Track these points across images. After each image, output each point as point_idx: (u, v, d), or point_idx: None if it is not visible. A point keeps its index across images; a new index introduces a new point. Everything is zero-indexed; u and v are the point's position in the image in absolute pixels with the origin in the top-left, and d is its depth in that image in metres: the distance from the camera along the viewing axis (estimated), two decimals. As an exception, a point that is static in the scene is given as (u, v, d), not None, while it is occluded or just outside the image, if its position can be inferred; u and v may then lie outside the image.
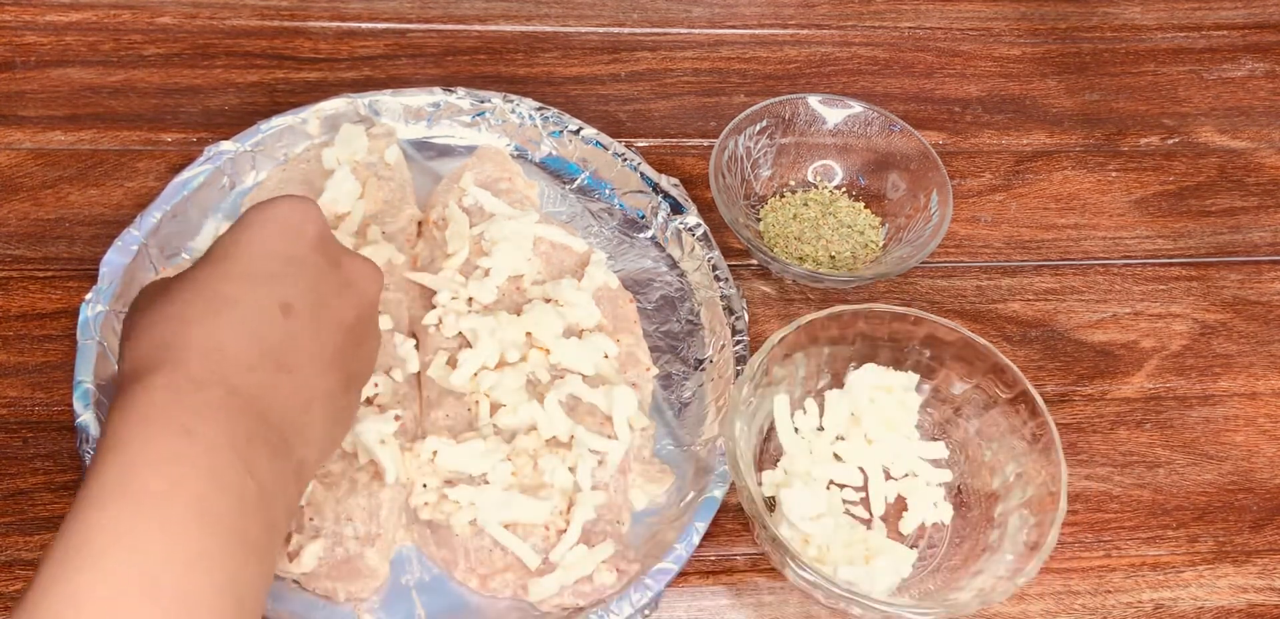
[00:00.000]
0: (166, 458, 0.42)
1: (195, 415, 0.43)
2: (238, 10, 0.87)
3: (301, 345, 0.47)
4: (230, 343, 0.45)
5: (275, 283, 0.47)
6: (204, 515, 0.41)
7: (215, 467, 0.42)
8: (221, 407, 0.44)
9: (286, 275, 0.48)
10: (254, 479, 0.43)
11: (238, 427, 0.44)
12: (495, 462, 0.62)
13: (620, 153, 0.77)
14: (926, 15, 0.95)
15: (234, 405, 0.44)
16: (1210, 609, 0.65)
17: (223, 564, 0.41)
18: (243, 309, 0.46)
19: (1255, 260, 0.81)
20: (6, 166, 0.75)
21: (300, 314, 0.47)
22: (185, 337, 0.45)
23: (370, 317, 0.52)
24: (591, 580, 0.60)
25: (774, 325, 0.73)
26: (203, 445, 0.42)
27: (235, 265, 0.48)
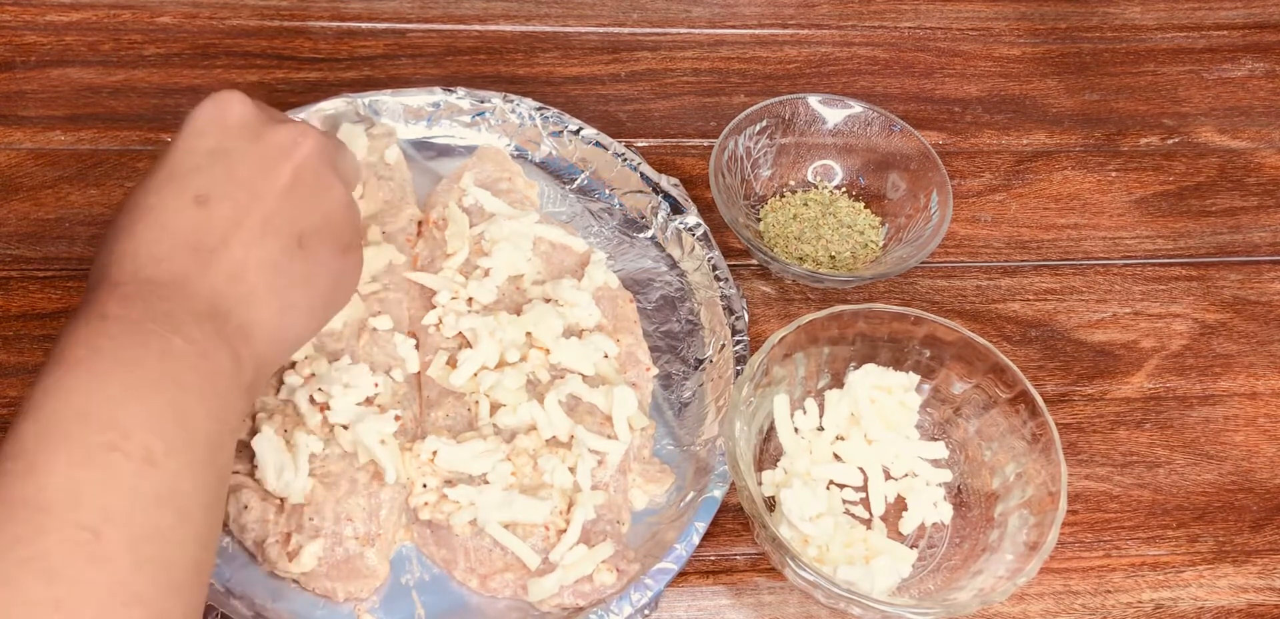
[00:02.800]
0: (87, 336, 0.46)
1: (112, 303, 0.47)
2: (238, 10, 0.87)
3: (218, 227, 0.49)
4: (143, 244, 0.49)
5: (192, 177, 0.50)
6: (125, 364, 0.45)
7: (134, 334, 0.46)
8: (135, 293, 0.47)
9: (206, 168, 0.51)
10: (180, 338, 0.46)
11: (154, 304, 0.47)
12: (495, 462, 0.62)
13: (620, 153, 0.77)
14: (926, 15, 0.95)
15: (149, 290, 0.47)
16: (1210, 609, 0.65)
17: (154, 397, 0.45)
18: (156, 212, 0.50)
19: (1255, 260, 0.81)
20: (6, 166, 0.75)
21: (215, 199, 0.50)
22: (110, 253, 0.49)
23: (310, 172, 0.53)
24: (591, 580, 0.60)
25: (774, 325, 0.73)
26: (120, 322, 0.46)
27: (157, 175, 0.51)
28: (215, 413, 0.47)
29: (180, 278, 0.48)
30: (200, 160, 0.51)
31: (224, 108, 0.52)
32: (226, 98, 0.53)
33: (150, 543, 0.42)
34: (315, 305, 0.54)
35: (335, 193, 0.54)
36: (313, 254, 0.53)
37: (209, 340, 0.47)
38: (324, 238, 0.53)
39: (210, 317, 0.48)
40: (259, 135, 0.52)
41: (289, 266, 0.51)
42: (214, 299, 0.48)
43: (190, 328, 0.47)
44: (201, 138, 0.52)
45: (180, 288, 0.48)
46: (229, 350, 0.48)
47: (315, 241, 0.53)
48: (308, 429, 0.62)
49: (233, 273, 0.49)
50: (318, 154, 0.53)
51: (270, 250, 0.51)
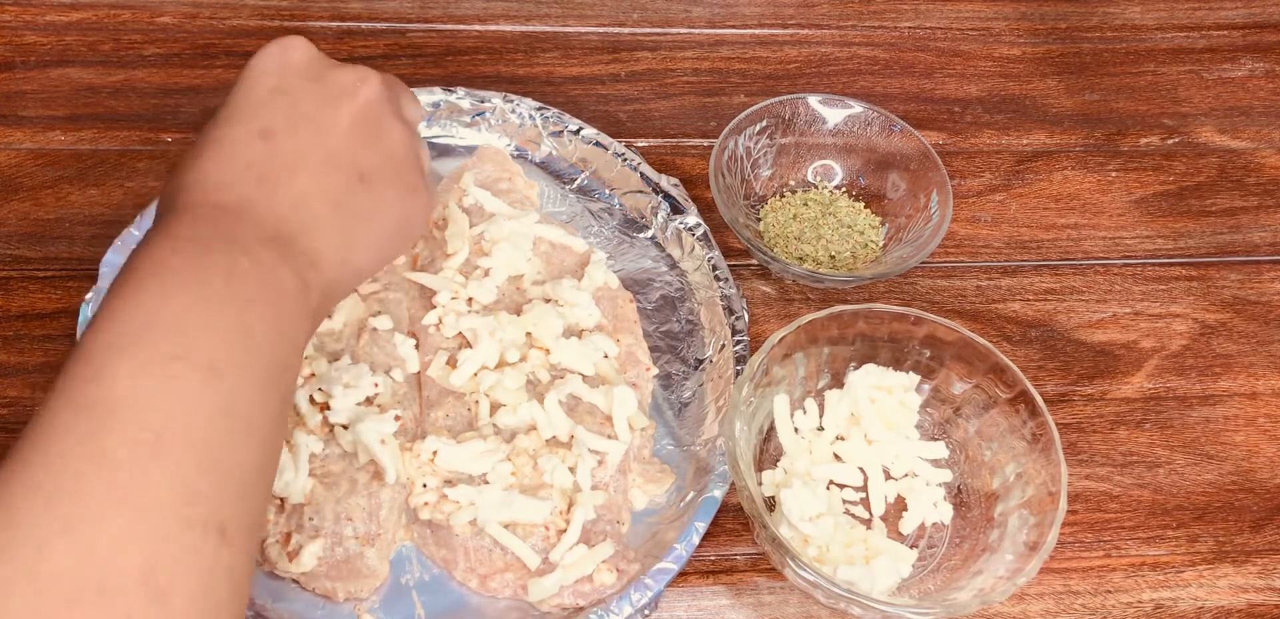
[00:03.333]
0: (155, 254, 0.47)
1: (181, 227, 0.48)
2: (238, 10, 0.87)
3: (283, 159, 0.51)
4: (210, 172, 0.50)
5: (257, 113, 0.52)
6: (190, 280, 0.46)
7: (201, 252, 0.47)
8: (201, 215, 0.49)
9: (270, 104, 0.52)
10: (246, 257, 0.47)
11: (221, 226, 0.48)
12: (495, 462, 0.62)
13: (620, 153, 0.77)
14: (926, 15, 0.95)
15: (216, 214, 0.49)
16: (1210, 609, 0.65)
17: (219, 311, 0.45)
18: (223, 144, 0.51)
19: (1255, 260, 0.81)
20: (6, 166, 0.75)
21: (279, 133, 0.51)
22: (180, 184, 0.50)
23: (373, 114, 0.54)
24: (591, 580, 0.60)
25: (774, 325, 0.73)
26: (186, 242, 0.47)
27: (225, 111, 0.53)
28: (280, 332, 0.47)
29: (246, 203, 0.49)
30: (264, 97, 0.52)
31: (287, 50, 0.54)
32: (290, 42, 0.54)
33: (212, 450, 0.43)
34: (381, 240, 0.55)
35: (397, 132, 0.55)
36: (376, 190, 0.54)
37: (275, 262, 0.48)
38: (386, 176, 0.54)
39: (275, 240, 0.49)
40: (321, 76, 0.54)
41: (352, 200, 0.52)
42: (278, 225, 0.49)
43: (256, 249, 0.48)
44: (264, 78, 0.53)
45: (246, 212, 0.49)
46: (294, 273, 0.49)
47: (378, 179, 0.54)
48: (308, 429, 0.62)
49: (297, 200, 0.50)
50: (380, 95, 0.54)
51: (333, 183, 0.52)
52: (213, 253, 0.47)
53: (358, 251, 0.53)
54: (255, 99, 0.52)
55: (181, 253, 0.47)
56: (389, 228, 0.55)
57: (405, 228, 0.56)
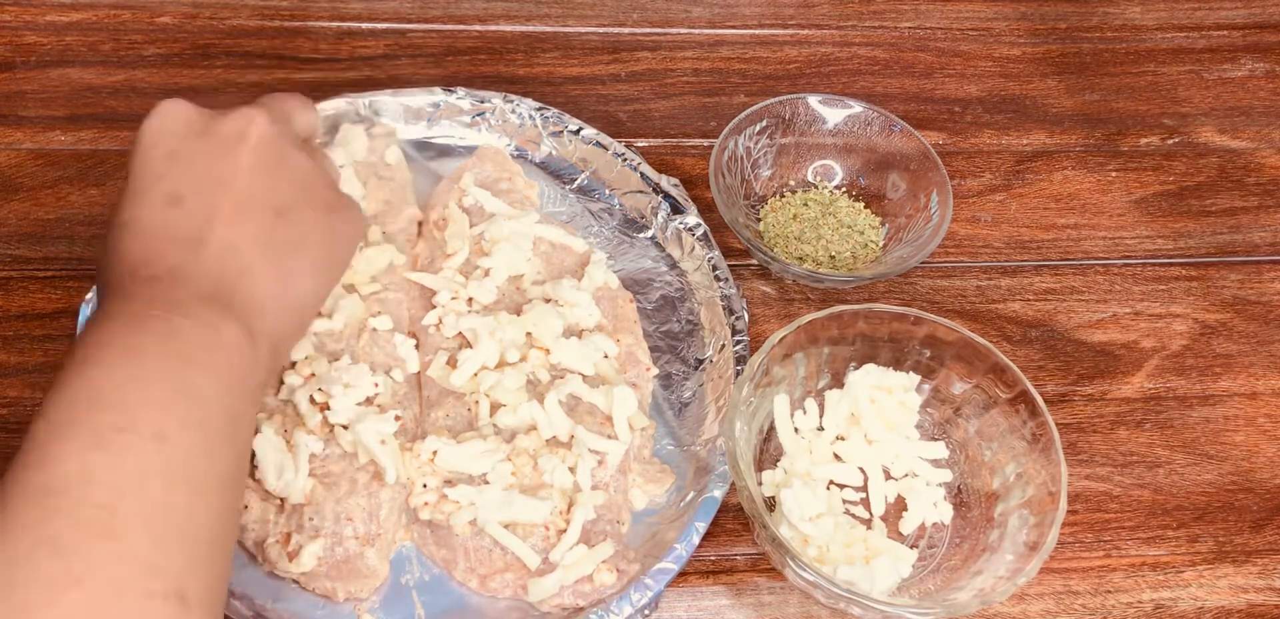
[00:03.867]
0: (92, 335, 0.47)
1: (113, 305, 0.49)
2: (238, 10, 0.87)
3: (198, 220, 0.51)
4: (133, 252, 0.51)
5: (157, 184, 0.52)
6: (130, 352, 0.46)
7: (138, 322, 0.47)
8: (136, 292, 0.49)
9: (167, 172, 0.53)
10: (187, 318, 0.48)
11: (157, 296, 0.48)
12: (495, 462, 0.62)
13: (620, 153, 0.77)
14: (926, 15, 0.95)
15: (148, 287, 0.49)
16: (1210, 609, 0.65)
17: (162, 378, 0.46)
18: (136, 222, 0.51)
19: (1255, 260, 0.81)
20: (6, 166, 0.75)
21: (187, 196, 0.52)
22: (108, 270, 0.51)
23: (268, 149, 0.54)
24: (591, 580, 0.60)
25: (774, 325, 0.73)
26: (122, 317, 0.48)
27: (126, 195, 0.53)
28: (230, 386, 0.47)
29: (176, 269, 0.50)
30: (159, 167, 0.53)
31: (165, 116, 0.54)
32: (167, 107, 0.54)
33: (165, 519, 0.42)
34: (318, 264, 0.55)
35: (296, 159, 0.55)
36: (295, 220, 0.54)
37: (216, 316, 0.48)
38: (300, 204, 0.54)
39: (213, 298, 0.49)
40: (207, 131, 0.54)
41: (277, 236, 0.53)
42: (213, 282, 0.50)
43: (194, 307, 0.48)
44: (154, 148, 0.53)
45: (178, 276, 0.49)
46: (238, 322, 0.49)
47: (293, 209, 0.54)
48: (308, 429, 0.62)
49: (223, 253, 0.51)
50: (268, 129, 0.54)
51: (254, 225, 0.52)
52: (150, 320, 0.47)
53: (295, 285, 0.53)
54: (151, 172, 0.53)
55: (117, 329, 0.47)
56: (319, 253, 0.55)
57: (337, 248, 0.56)
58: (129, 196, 0.53)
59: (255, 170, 0.53)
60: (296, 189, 0.55)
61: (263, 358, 0.50)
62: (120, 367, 0.45)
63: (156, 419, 0.44)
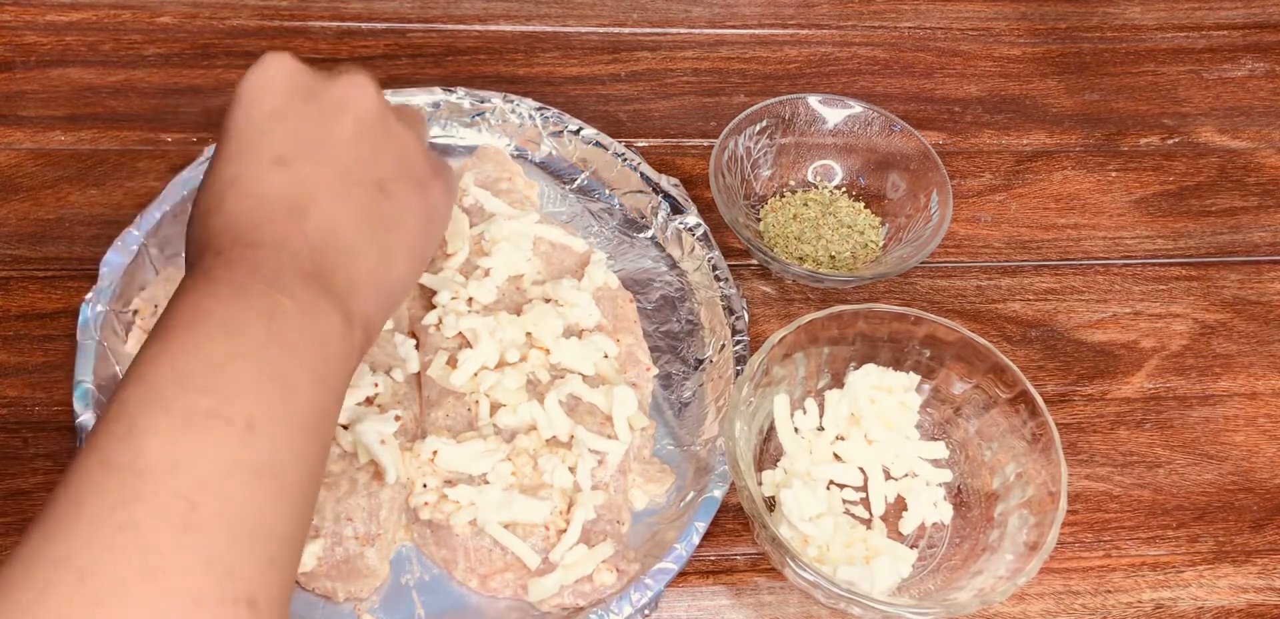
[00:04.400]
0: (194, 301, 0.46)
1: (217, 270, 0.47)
2: (238, 10, 0.87)
3: (306, 185, 0.50)
4: (241, 214, 0.49)
5: (263, 141, 0.51)
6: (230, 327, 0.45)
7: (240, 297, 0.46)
8: (240, 259, 0.47)
9: (272, 131, 0.51)
10: (289, 297, 0.46)
11: (261, 268, 0.47)
12: (495, 462, 0.62)
13: (620, 153, 0.77)
14: (926, 15, 0.95)
15: (254, 255, 0.47)
16: (1210, 609, 0.65)
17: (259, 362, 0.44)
18: (243, 182, 0.50)
19: (1255, 260, 0.81)
20: (6, 166, 0.75)
21: (293, 159, 0.50)
22: (208, 228, 0.49)
23: (374, 120, 0.53)
24: (591, 580, 0.60)
25: (774, 325, 0.73)
26: (226, 285, 0.46)
27: (228, 147, 0.51)
28: (322, 377, 0.46)
29: (280, 239, 0.48)
30: (264, 125, 0.51)
31: (270, 73, 0.52)
32: (271, 62, 0.52)
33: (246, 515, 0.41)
34: (414, 245, 0.54)
35: (399, 130, 0.54)
36: (396, 196, 0.53)
37: (316, 299, 0.47)
38: (402, 178, 0.53)
39: (315, 276, 0.48)
40: (313, 93, 0.52)
41: (378, 213, 0.52)
42: (315, 256, 0.48)
43: (297, 288, 0.47)
44: (257, 105, 0.51)
45: (282, 248, 0.48)
46: (338, 307, 0.48)
47: (395, 183, 0.53)
48: (308, 429, 0.61)
49: (327, 227, 0.49)
50: (377, 97, 0.53)
51: (356, 200, 0.51)
52: (252, 295, 0.46)
53: (393, 266, 0.52)
54: (255, 128, 0.51)
55: (219, 297, 0.46)
56: (416, 231, 0.54)
57: (430, 226, 0.55)
58: (232, 152, 0.51)
59: (360, 140, 0.52)
60: (398, 162, 0.53)
61: (356, 343, 0.49)
62: (219, 342, 0.44)
63: (249, 408, 0.43)
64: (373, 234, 0.51)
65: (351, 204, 0.51)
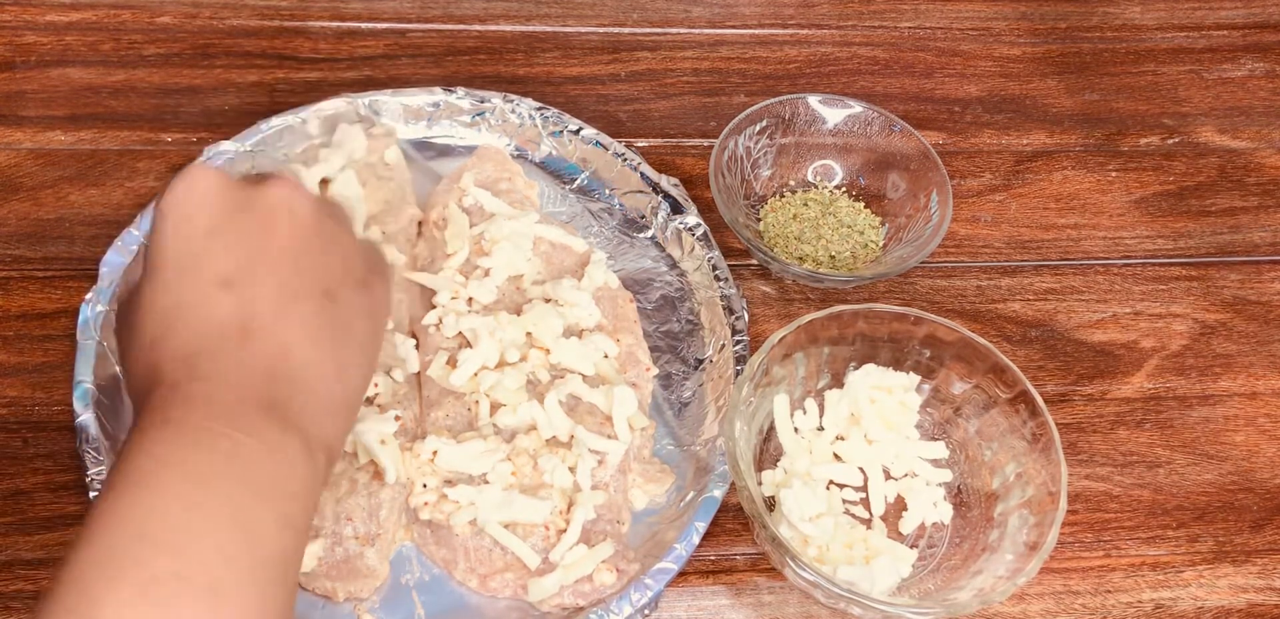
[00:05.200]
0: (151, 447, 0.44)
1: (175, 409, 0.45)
2: (238, 10, 0.87)
3: (253, 306, 0.48)
4: (189, 344, 0.47)
5: (205, 263, 0.48)
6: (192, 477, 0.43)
7: (200, 440, 0.44)
8: (197, 394, 0.45)
9: (212, 251, 0.49)
10: (250, 436, 0.44)
11: (216, 402, 0.45)
12: (495, 462, 0.62)
13: (620, 153, 0.77)
14: (926, 15, 0.95)
15: (209, 389, 0.46)
16: (1210, 609, 0.65)
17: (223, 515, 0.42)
18: (188, 309, 0.48)
19: (1255, 260, 0.81)
20: (6, 166, 0.75)
21: (237, 279, 0.48)
22: (156, 357, 0.47)
23: (309, 222, 0.50)
24: (591, 580, 0.60)
25: (774, 325, 0.73)
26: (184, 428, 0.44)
27: (167, 271, 0.49)
28: (287, 519, 0.44)
29: (234, 368, 0.46)
30: (201, 244, 0.49)
31: (197, 188, 0.50)
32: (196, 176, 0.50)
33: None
34: (364, 349, 0.52)
35: (333, 231, 0.52)
36: (343, 302, 0.51)
37: (276, 432, 0.45)
38: (345, 282, 0.51)
39: (273, 405, 0.46)
40: (244, 204, 0.50)
41: (326, 324, 0.49)
42: (271, 386, 0.46)
43: (257, 421, 0.45)
44: (190, 222, 0.49)
45: (236, 379, 0.46)
46: (299, 438, 0.46)
47: (340, 289, 0.51)
48: (308, 429, 0.61)
49: (280, 351, 0.47)
50: (308, 202, 0.51)
51: (306, 315, 0.49)
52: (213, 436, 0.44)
53: (348, 379, 0.50)
54: (192, 250, 0.48)
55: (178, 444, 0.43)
56: (365, 334, 0.52)
57: (377, 325, 0.53)
58: (171, 278, 0.48)
59: (300, 247, 0.50)
60: (339, 264, 0.51)
61: (319, 470, 0.47)
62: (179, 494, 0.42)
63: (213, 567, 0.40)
64: (325, 349, 0.49)
65: (300, 319, 0.48)
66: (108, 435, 0.61)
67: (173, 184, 0.50)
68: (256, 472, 0.44)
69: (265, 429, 0.45)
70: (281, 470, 0.45)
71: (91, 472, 0.59)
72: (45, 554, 0.60)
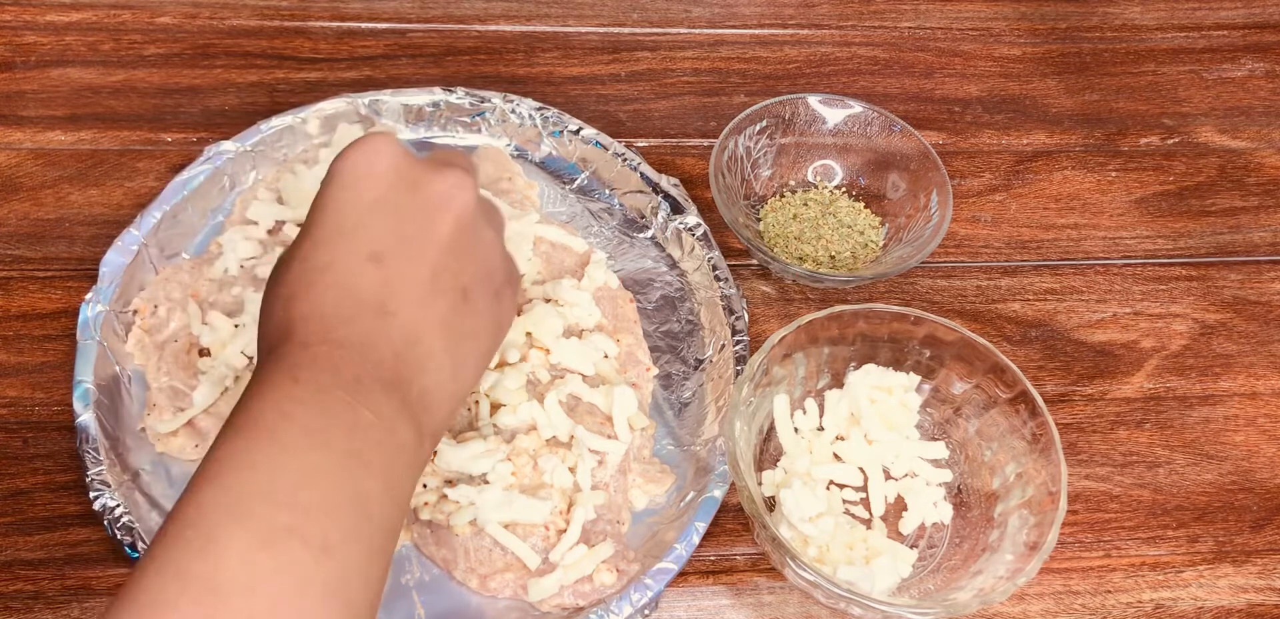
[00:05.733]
0: (277, 400, 0.45)
1: (302, 367, 0.46)
2: (238, 10, 0.87)
3: (396, 286, 0.49)
4: (329, 305, 0.48)
5: (360, 233, 0.50)
6: (313, 438, 0.44)
7: (324, 403, 0.45)
8: (326, 358, 0.47)
9: (370, 223, 0.50)
10: (368, 410, 0.46)
11: (343, 370, 0.47)
12: (495, 462, 0.62)
13: (620, 153, 0.77)
14: (926, 15, 0.95)
15: (338, 355, 0.47)
16: (1210, 609, 0.65)
17: (338, 479, 0.44)
18: (335, 271, 0.49)
19: (1255, 260, 0.81)
20: (6, 166, 0.75)
21: (389, 257, 0.49)
22: (292, 313, 0.48)
23: (468, 223, 0.52)
24: (591, 580, 0.60)
25: (774, 325, 0.73)
26: (310, 387, 0.46)
27: (323, 230, 0.50)
28: (393, 495, 0.46)
29: (365, 341, 0.48)
30: (363, 214, 0.50)
31: (375, 156, 0.51)
32: (378, 145, 0.51)
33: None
34: (483, 354, 0.54)
35: (488, 238, 0.54)
36: (476, 306, 0.52)
37: (395, 413, 0.47)
38: (483, 288, 0.53)
39: (394, 385, 0.47)
40: (417, 185, 0.51)
41: (458, 322, 0.51)
42: (396, 365, 0.48)
43: (377, 397, 0.47)
44: (358, 189, 0.50)
45: (365, 352, 0.47)
46: (412, 424, 0.48)
47: (477, 293, 0.52)
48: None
49: (410, 336, 0.49)
50: (474, 202, 0.52)
51: (441, 309, 0.50)
52: (336, 404, 0.45)
53: (463, 377, 0.52)
54: (354, 216, 0.50)
55: (302, 401, 0.45)
56: (487, 340, 0.54)
57: (498, 335, 0.55)
58: (328, 233, 0.50)
59: (454, 242, 0.51)
60: (482, 269, 0.53)
61: (423, 457, 0.49)
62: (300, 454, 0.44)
63: (326, 528, 0.42)
64: (450, 344, 0.51)
65: (436, 311, 0.50)
66: (108, 435, 0.61)
67: (352, 147, 0.51)
68: (372, 445, 0.46)
69: (384, 406, 0.47)
70: (393, 448, 0.47)
71: (91, 472, 0.59)
72: (45, 554, 0.60)
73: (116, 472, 0.60)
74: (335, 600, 0.42)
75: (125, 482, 0.60)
